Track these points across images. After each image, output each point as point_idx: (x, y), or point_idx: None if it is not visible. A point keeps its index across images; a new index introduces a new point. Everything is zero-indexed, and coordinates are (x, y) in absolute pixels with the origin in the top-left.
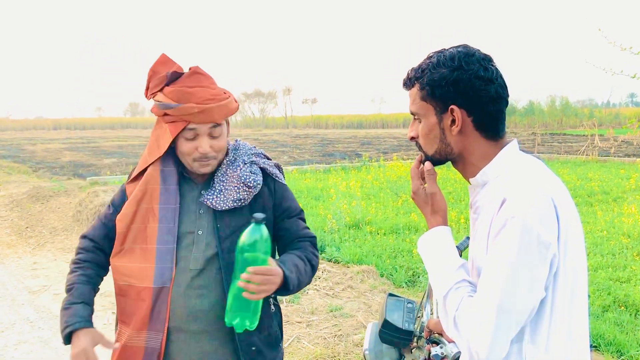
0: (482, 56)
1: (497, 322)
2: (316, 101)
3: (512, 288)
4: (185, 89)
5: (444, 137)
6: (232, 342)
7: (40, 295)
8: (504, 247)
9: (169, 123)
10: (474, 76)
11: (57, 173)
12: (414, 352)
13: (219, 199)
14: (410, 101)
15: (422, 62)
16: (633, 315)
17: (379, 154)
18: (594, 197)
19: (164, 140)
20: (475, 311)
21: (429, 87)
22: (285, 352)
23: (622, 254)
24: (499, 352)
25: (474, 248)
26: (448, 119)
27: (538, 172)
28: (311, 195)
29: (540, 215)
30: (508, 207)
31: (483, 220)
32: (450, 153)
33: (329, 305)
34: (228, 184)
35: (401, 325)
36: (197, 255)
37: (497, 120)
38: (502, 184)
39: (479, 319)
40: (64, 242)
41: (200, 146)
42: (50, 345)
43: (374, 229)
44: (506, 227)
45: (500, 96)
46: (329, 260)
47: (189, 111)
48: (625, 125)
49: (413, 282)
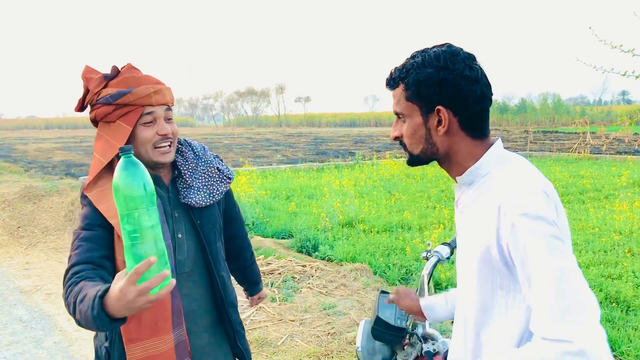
0: (466, 55)
1: (579, 309)
2: (309, 100)
3: (567, 278)
4: (133, 76)
5: (430, 137)
6: (226, 324)
7: (33, 295)
8: (532, 250)
9: (121, 117)
10: (460, 76)
11: (49, 172)
12: (406, 349)
13: (202, 195)
14: (394, 101)
15: (405, 62)
16: (624, 311)
17: (372, 152)
18: (586, 195)
19: (120, 136)
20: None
21: (415, 88)
22: (279, 350)
23: (614, 251)
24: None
25: (460, 244)
26: (434, 119)
27: (527, 168)
28: (304, 193)
29: (544, 204)
30: (510, 208)
31: (470, 220)
32: (435, 153)
33: (322, 303)
34: (206, 178)
35: (393, 322)
36: (181, 258)
37: (482, 120)
38: (491, 185)
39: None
40: (56, 242)
41: (160, 129)
42: (43, 345)
43: (367, 227)
44: (519, 229)
45: (485, 95)
46: (322, 258)
47: (145, 92)
48: (616, 123)
49: (406, 280)
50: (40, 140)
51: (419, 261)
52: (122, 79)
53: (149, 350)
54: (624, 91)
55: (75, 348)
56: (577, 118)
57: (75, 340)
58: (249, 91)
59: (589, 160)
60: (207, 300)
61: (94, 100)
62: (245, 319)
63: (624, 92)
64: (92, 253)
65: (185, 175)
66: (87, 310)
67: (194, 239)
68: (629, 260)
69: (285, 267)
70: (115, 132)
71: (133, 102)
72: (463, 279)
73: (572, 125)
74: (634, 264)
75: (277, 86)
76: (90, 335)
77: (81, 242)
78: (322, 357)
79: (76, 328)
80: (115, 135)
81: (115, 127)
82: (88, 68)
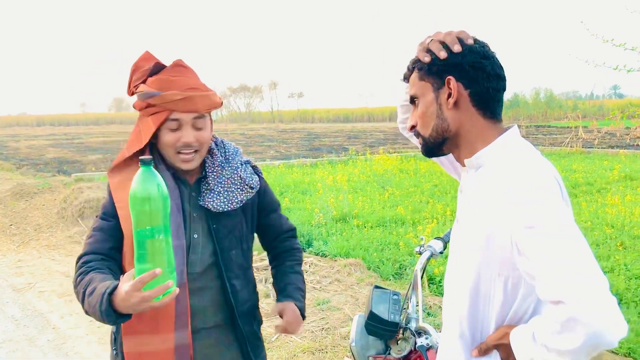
0: (477, 39)
1: (594, 278)
2: (302, 95)
3: (575, 246)
4: (169, 77)
5: (441, 112)
6: (237, 332)
7: (25, 293)
8: (538, 223)
9: (151, 115)
10: (469, 50)
11: (41, 170)
12: (400, 344)
13: (220, 200)
14: (410, 87)
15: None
16: None
17: (365, 147)
18: (578, 189)
19: (146, 133)
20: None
21: (427, 65)
22: (273, 345)
23: (606, 244)
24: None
25: (457, 231)
26: (445, 93)
27: (538, 157)
28: (298, 189)
29: (552, 188)
30: (518, 190)
31: (474, 205)
32: (446, 129)
33: (316, 298)
34: (229, 185)
35: (387, 317)
36: (194, 259)
37: (493, 100)
38: (499, 170)
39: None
40: (48, 240)
41: (184, 136)
42: (36, 343)
43: (360, 222)
44: (527, 207)
45: (498, 75)
46: (316, 254)
47: (171, 98)
48: (608, 117)
49: (400, 275)
50: (32, 137)
51: (413, 256)
52: (158, 79)
53: (144, 345)
54: (615, 85)
55: (69, 346)
56: (569, 112)
57: (69, 337)
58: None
59: (581, 155)
60: (218, 304)
61: (133, 91)
62: None
63: (616, 86)
64: (102, 244)
65: (209, 178)
66: (96, 305)
67: (209, 242)
68: (621, 254)
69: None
70: (145, 127)
71: (160, 105)
72: (457, 270)
73: (564, 119)
74: (626, 257)
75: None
76: (83, 333)
77: (95, 232)
78: (316, 352)
79: (69, 326)
80: (144, 131)
81: (146, 122)
82: (146, 55)
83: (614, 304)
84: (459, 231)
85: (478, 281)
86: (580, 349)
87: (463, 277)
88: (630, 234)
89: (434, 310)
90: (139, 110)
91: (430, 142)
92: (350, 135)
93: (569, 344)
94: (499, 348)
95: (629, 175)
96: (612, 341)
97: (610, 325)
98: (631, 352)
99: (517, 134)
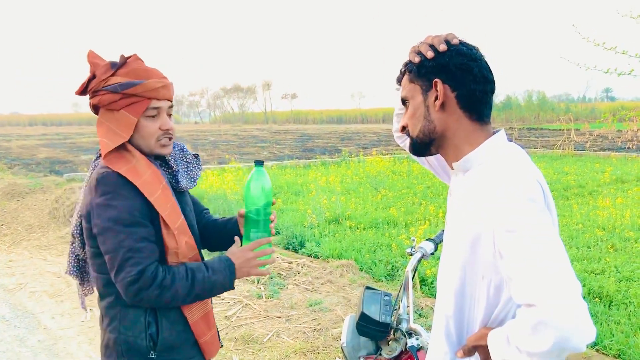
0: (466, 42)
1: (565, 283)
2: (296, 96)
3: (551, 251)
4: (142, 68)
5: (428, 114)
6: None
7: (16, 293)
8: (518, 228)
9: (126, 107)
10: (456, 52)
11: (33, 170)
12: (391, 344)
13: (187, 179)
14: (401, 90)
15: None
16: (607, 306)
17: (358, 149)
18: (570, 191)
19: (127, 124)
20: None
21: (416, 68)
22: (265, 347)
23: (597, 247)
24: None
25: (447, 233)
26: (432, 95)
27: (523, 160)
28: (291, 190)
29: (535, 190)
30: (500, 193)
31: (462, 207)
32: (433, 131)
33: (308, 299)
34: (186, 164)
35: (378, 318)
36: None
37: (481, 102)
38: (486, 173)
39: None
40: (40, 240)
41: (164, 123)
42: (27, 343)
43: (353, 223)
44: (508, 212)
45: (485, 77)
46: (308, 255)
47: (154, 86)
48: (600, 120)
49: (392, 276)
50: (24, 137)
51: (405, 257)
52: (131, 70)
53: (204, 308)
54: (607, 88)
55: (60, 346)
56: (561, 115)
57: (60, 338)
58: (235, 88)
59: (573, 157)
60: None
61: (100, 87)
62: (231, 315)
63: (608, 89)
64: (155, 252)
65: (170, 161)
66: (221, 274)
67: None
68: (612, 256)
69: (272, 264)
70: (119, 121)
71: (141, 94)
72: (446, 271)
73: (556, 122)
74: (617, 259)
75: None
76: (74, 334)
77: (141, 244)
78: (308, 353)
79: (60, 326)
80: (120, 125)
81: (119, 116)
82: (93, 53)
83: (583, 309)
84: (448, 233)
85: (464, 282)
86: (550, 352)
87: (450, 278)
88: (621, 236)
89: (426, 312)
90: (106, 104)
91: (418, 143)
92: (344, 136)
93: (538, 346)
94: (479, 349)
95: (620, 177)
96: (579, 345)
97: (578, 330)
98: (621, 353)
99: (504, 137)
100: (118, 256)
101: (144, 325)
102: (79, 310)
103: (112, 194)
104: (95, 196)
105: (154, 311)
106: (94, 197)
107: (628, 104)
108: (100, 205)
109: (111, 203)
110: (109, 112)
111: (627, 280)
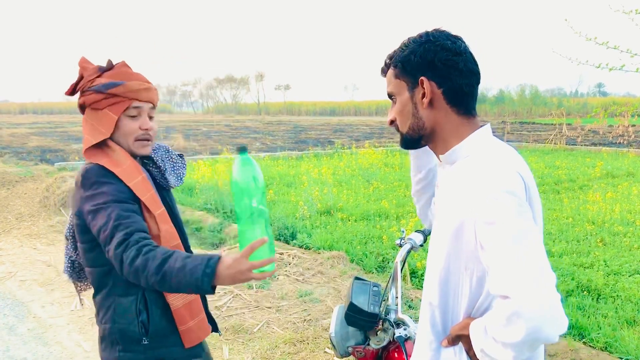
0: (451, 34)
1: (539, 277)
2: (289, 87)
3: (527, 244)
4: (126, 71)
5: (416, 111)
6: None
7: (6, 282)
8: (497, 219)
9: (110, 106)
10: (441, 47)
11: (23, 158)
12: (379, 335)
13: (174, 177)
14: (386, 84)
15: (396, 48)
16: (595, 299)
17: (351, 141)
18: (561, 185)
19: (108, 122)
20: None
21: (401, 64)
22: (255, 337)
23: (586, 241)
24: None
25: (436, 224)
26: (419, 93)
27: (506, 153)
28: (283, 182)
29: (515, 182)
30: (481, 185)
31: (448, 198)
32: (422, 128)
33: (298, 290)
34: (172, 163)
35: (367, 308)
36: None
37: (467, 95)
38: (471, 165)
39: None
40: (30, 228)
41: (143, 123)
42: (16, 331)
43: (345, 215)
44: (489, 202)
45: (471, 71)
46: (300, 246)
47: (136, 87)
48: (591, 115)
49: (383, 268)
50: (15, 125)
51: (396, 249)
52: (116, 72)
53: (185, 296)
54: (599, 83)
55: (50, 335)
56: (553, 109)
57: (50, 327)
58: (228, 78)
59: (564, 152)
60: None
61: (86, 87)
62: (222, 305)
63: (600, 84)
64: (143, 225)
65: (157, 160)
66: (195, 271)
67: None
68: (601, 250)
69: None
70: (101, 119)
71: (123, 94)
72: (432, 261)
73: (548, 116)
74: (605, 253)
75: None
76: (64, 322)
77: (129, 213)
78: (297, 343)
79: (50, 315)
80: (102, 123)
81: (102, 115)
82: (84, 59)
83: (556, 301)
84: (436, 224)
85: (448, 273)
86: (522, 343)
87: (436, 268)
88: (610, 230)
89: (416, 303)
90: (89, 104)
91: (408, 139)
92: (337, 128)
93: (512, 336)
94: (462, 339)
95: (611, 172)
96: (551, 336)
97: (550, 321)
98: (608, 346)
99: (489, 131)
100: (109, 227)
101: (135, 313)
102: (69, 299)
103: (97, 184)
104: (82, 190)
105: (144, 299)
106: (81, 192)
107: (620, 99)
108: (89, 196)
109: (97, 190)
110: (93, 111)
111: (615, 274)
